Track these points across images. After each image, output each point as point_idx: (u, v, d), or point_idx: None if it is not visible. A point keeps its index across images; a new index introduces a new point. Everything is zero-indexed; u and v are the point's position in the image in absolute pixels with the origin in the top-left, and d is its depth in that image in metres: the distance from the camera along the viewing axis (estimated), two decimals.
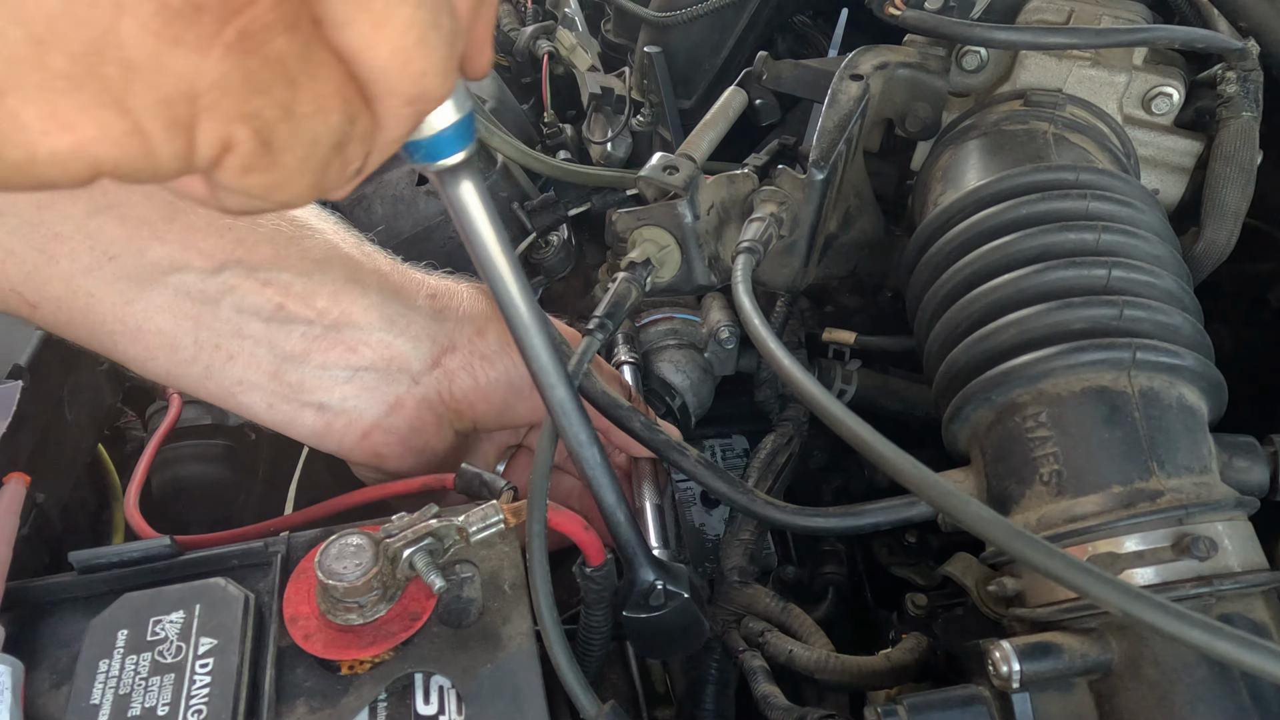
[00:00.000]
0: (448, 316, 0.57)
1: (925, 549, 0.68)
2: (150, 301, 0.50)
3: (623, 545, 0.47)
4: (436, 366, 0.56)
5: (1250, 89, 0.60)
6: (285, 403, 0.53)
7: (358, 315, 0.53)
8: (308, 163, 0.25)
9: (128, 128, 0.22)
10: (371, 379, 0.54)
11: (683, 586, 0.49)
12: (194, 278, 0.50)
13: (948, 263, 0.55)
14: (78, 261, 0.48)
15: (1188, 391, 0.47)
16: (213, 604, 0.43)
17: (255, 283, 0.51)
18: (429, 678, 0.42)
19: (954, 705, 0.41)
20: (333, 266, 0.54)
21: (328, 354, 0.53)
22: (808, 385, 0.43)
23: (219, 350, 0.51)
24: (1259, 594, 0.42)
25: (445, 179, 0.35)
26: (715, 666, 0.58)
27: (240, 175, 0.24)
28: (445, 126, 0.31)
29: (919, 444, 0.49)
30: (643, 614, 0.48)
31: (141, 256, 0.49)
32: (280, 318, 0.52)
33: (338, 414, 0.54)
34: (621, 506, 0.47)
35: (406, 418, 0.55)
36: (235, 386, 0.52)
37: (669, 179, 0.58)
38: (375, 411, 0.54)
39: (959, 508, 0.37)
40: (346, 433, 0.54)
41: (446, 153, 0.32)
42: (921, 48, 0.67)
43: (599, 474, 0.45)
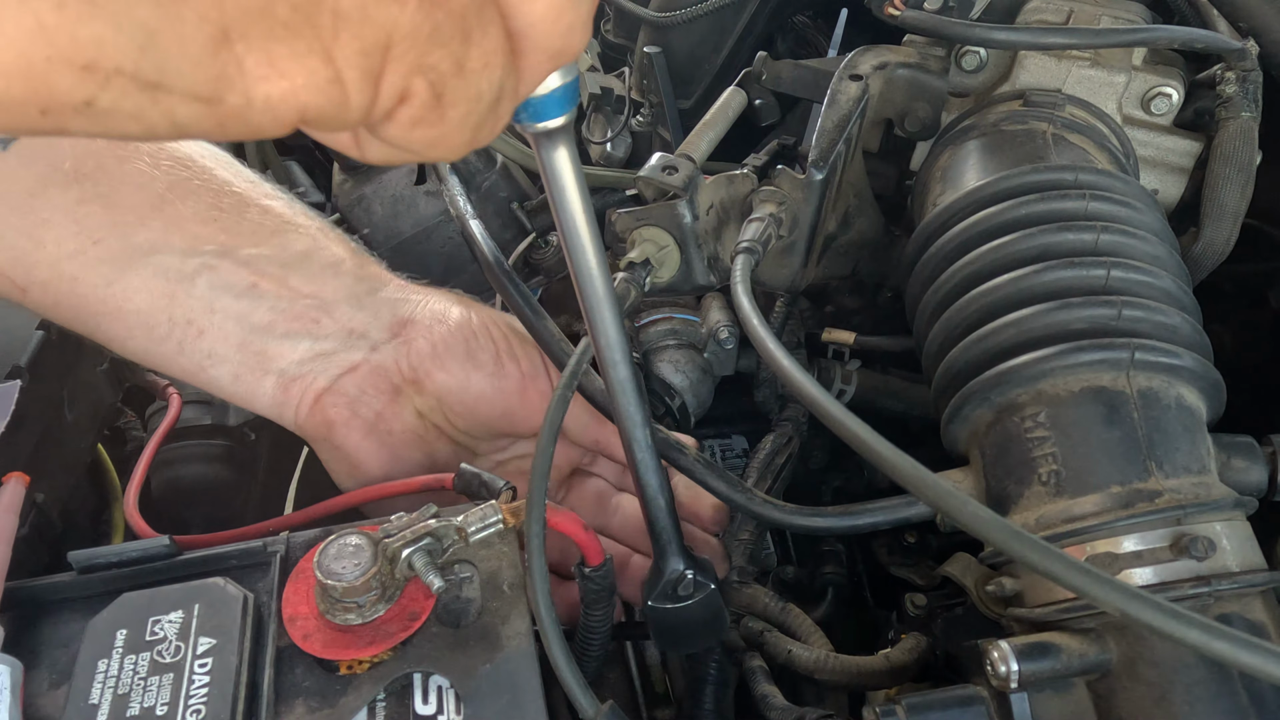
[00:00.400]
0: (413, 298, 0.59)
1: (924, 549, 0.68)
2: (129, 283, 0.51)
3: (658, 532, 0.47)
4: (396, 336, 0.57)
5: (1249, 89, 0.60)
6: (250, 373, 0.54)
7: (327, 293, 0.55)
8: (469, 118, 0.26)
9: (331, 75, 0.23)
10: (329, 345, 0.55)
11: (710, 578, 0.49)
12: (173, 258, 0.51)
13: (947, 263, 0.55)
14: (64, 246, 0.49)
15: (1186, 392, 0.47)
16: (212, 604, 0.43)
17: (232, 263, 0.52)
18: (428, 677, 0.42)
19: (952, 705, 0.41)
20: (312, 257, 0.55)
21: (292, 324, 0.54)
22: (807, 385, 0.43)
23: (191, 326, 0.52)
24: (1257, 594, 0.42)
25: (543, 141, 0.35)
26: (714, 666, 0.58)
27: (409, 128, 0.25)
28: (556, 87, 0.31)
29: (918, 444, 0.49)
30: (669, 604, 0.48)
31: (125, 240, 0.50)
32: (252, 294, 0.53)
33: (293, 379, 0.55)
34: (665, 492, 0.47)
35: (358, 381, 0.56)
36: (205, 360, 0.53)
37: (668, 179, 0.58)
38: (328, 377, 0.56)
39: (958, 508, 0.37)
40: (302, 399, 0.55)
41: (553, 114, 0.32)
42: (921, 48, 0.67)
43: (648, 456, 0.45)
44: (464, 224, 0.64)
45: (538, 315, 0.59)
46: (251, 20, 0.21)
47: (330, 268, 0.56)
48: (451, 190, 0.68)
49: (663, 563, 0.48)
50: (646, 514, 0.47)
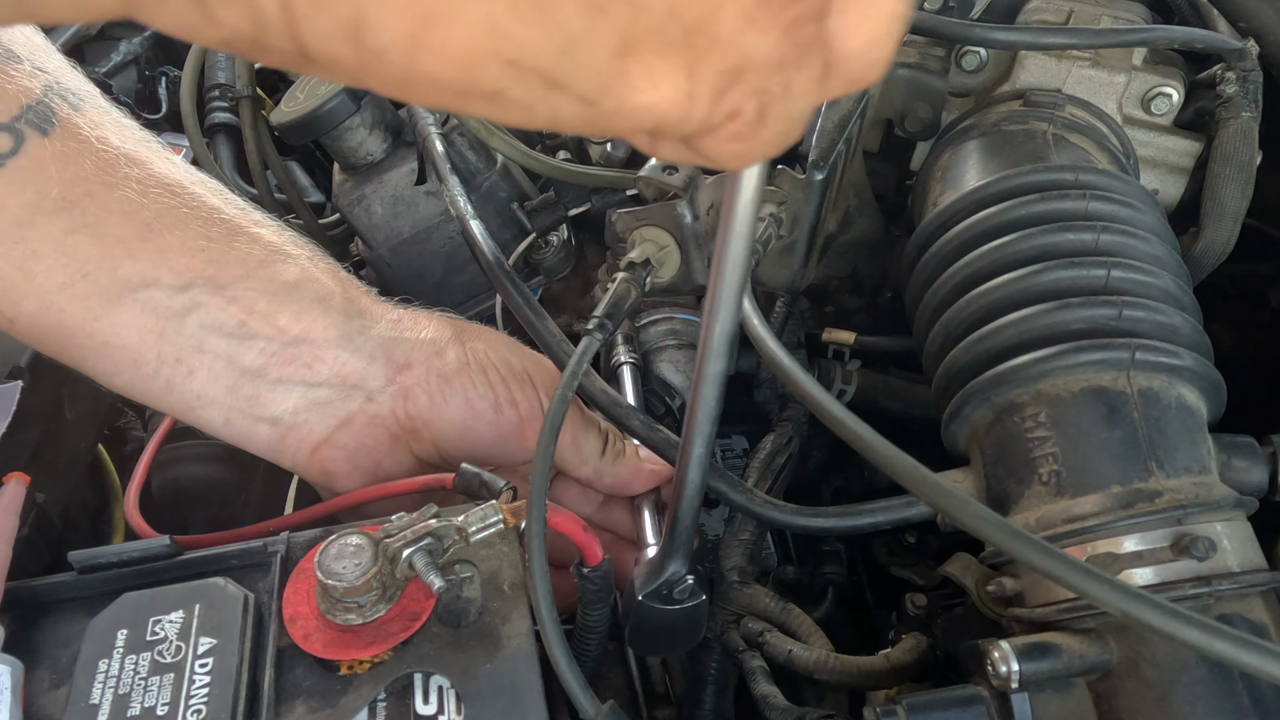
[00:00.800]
0: (407, 336, 0.57)
1: (925, 549, 0.68)
2: (118, 318, 0.50)
3: (679, 530, 0.47)
4: (391, 384, 0.55)
5: (1249, 89, 0.60)
6: (241, 417, 0.53)
7: (317, 333, 0.54)
8: (778, 138, 0.26)
9: (687, 91, 0.24)
10: (324, 394, 0.54)
11: (702, 588, 0.49)
12: (162, 294, 0.51)
13: (947, 263, 0.55)
14: (52, 278, 0.49)
15: (1187, 392, 0.47)
16: (212, 604, 0.43)
17: (221, 300, 0.52)
18: (428, 677, 0.42)
19: (953, 705, 0.41)
20: (300, 289, 0.54)
21: (284, 369, 0.53)
22: (807, 385, 0.43)
23: (180, 365, 0.52)
24: (1257, 594, 0.42)
25: None
26: (715, 667, 0.58)
27: (724, 141, 0.26)
28: None
29: (918, 444, 0.49)
30: (659, 604, 0.48)
31: (114, 273, 0.50)
32: (242, 334, 0.52)
33: (290, 428, 0.54)
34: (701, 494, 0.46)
35: (355, 434, 0.55)
36: (194, 401, 0.53)
37: (668, 179, 0.58)
38: (325, 427, 0.55)
39: (958, 508, 0.37)
40: (299, 448, 0.55)
41: None
42: (921, 48, 0.67)
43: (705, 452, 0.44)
44: (464, 224, 0.64)
45: (538, 315, 0.59)
46: (650, 36, 0.23)
47: (320, 302, 0.54)
48: (452, 190, 0.68)
49: (669, 561, 0.48)
50: (674, 508, 0.46)
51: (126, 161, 0.51)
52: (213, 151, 0.98)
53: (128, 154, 0.51)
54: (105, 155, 0.50)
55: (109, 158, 0.50)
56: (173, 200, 0.52)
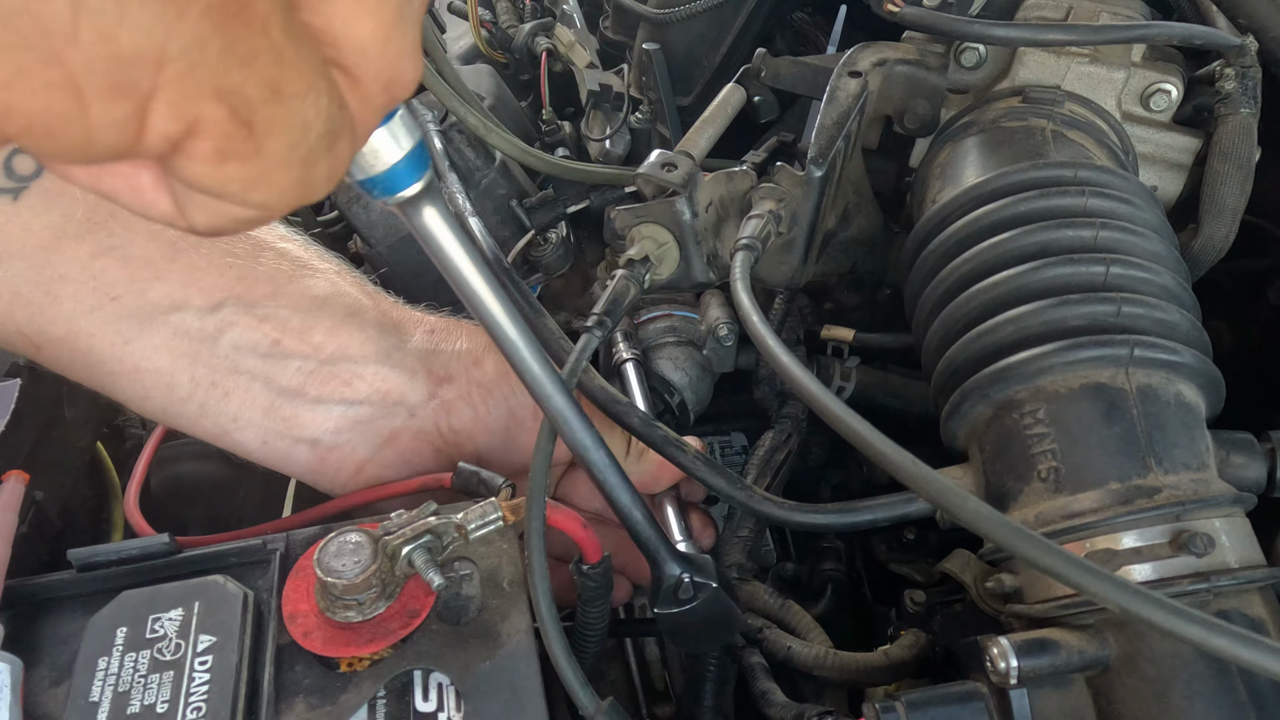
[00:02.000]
0: (444, 348, 0.56)
1: (924, 546, 0.68)
2: (149, 341, 0.49)
3: (644, 543, 0.47)
4: (433, 398, 0.55)
5: (1249, 86, 0.60)
6: (279, 439, 0.53)
7: (353, 349, 0.53)
8: (295, 152, 0.22)
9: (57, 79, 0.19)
10: (366, 413, 0.53)
11: (710, 577, 0.49)
12: (192, 316, 0.50)
13: (946, 260, 0.55)
14: (81, 303, 0.48)
15: (1185, 388, 0.47)
16: (212, 601, 0.43)
17: (253, 319, 0.51)
18: (428, 675, 0.42)
19: (952, 701, 0.41)
20: (331, 304, 0.53)
21: (323, 388, 0.52)
22: (806, 382, 0.43)
23: (215, 387, 0.51)
24: (1256, 590, 0.42)
25: (407, 209, 0.35)
26: (714, 663, 0.58)
27: (215, 163, 0.21)
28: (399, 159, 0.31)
29: (917, 441, 0.49)
30: (674, 609, 0.48)
31: (142, 296, 0.49)
32: (276, 353, 0.51)
33: (330, 449, 0.53)
34: (637, 505, 0.47)
35: (400, 451, 0.54)
36: (230, 424, 0.52)
37: (667, 176, 0.58)
38: (369, 446, 0.54)
39: (957, 504, 0.37)
40: (340, 468, 0.54)
41: (403, 184, 0.32)
42: (920, 44, 0.67)
43: (609, 475, 0.45)
44: (463, 221, 0.64)
45: (537, 312, 0.59)
46: None
47: (353, 316, 0.53)
48: (450, 187, 0.68)
49: (658, 570, 0.48)
50: (629, 530, 0.47)
51: None
52: None
53: None
54: None
55: None
56: None
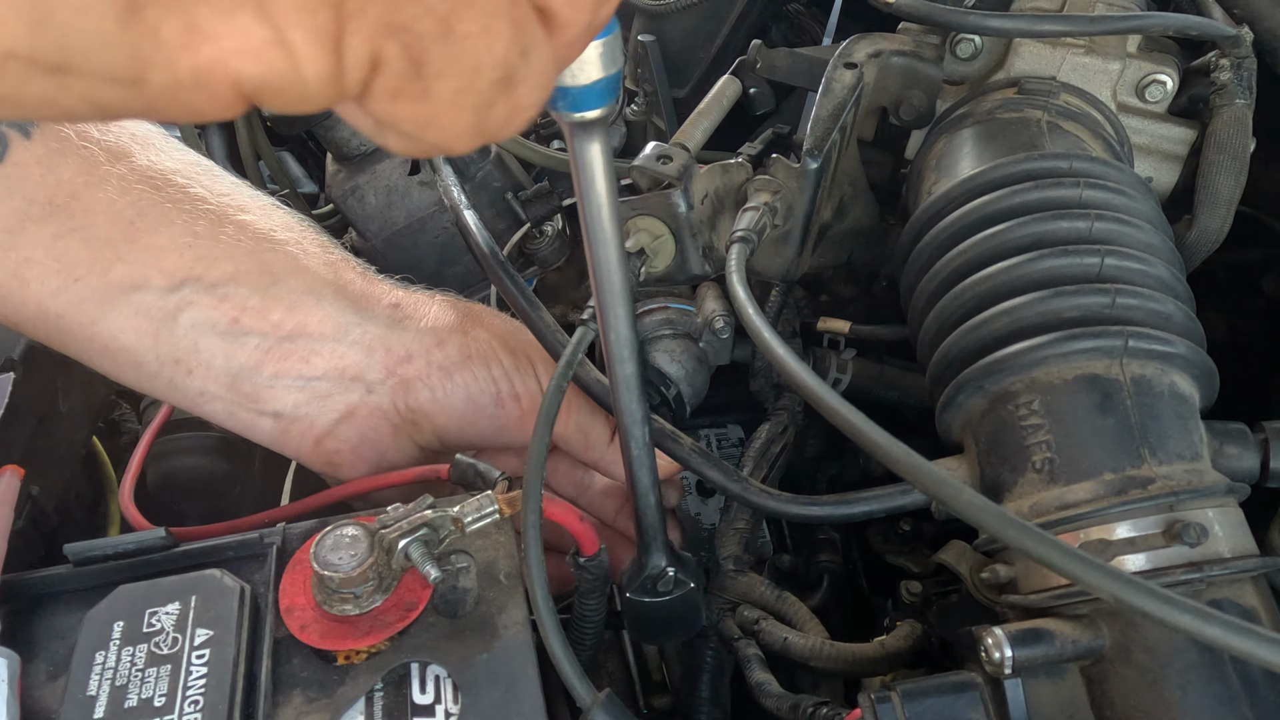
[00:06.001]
0: (407, 327, 0.56)
1: (919, 537, 0.69)
2: (113, 322, 0.51)
3: (645, 527, 0.48)
4: (391, 376, 0.55)
5: (1244, 76, 0.60)
6: (244, 411, 0.54)
7: (312, 326, 0.54)
8: (465, 96, 0.21)
9: (269, 36, 0.19)
10: (323, 387, 0.54)
11: (692, 577, 0.50)
12: (153, 296, 0.51)
13: (941, 251, 0.55)
14: (46, 284, 0.49)
15: (1179, 379, 0.48)
16: (208, 595, 0.43)
17: (212, 299, 0.52)
18: (425, 667, 0.43)
19: (947, 691, 0.41)
20: (291, 279, 0.54)
21: (280, 364, 0.53)
22: (802, 374, 0.43)
23: (179, 365, 0.52)
24: (1248, 579, 0.43)
25: (577, 132, 0.33)
26: (711, 654, 0.58)
27: (388, 101, 0.21)
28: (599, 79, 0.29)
29: (913, 432, 0.49)
30: (647, 598, 0.49)
31: (104, 277, 0.50)
32: (235, 331, 0.52)
33: (292, 421, 0.54)
34: (655, 490, 0.47)
35: (358, 426, 0.55)
36: (198, 397, 0.53)
37: (663, 168, 0.58)
38: (327, 420, 0.55)
39: (952, 495, 0.37)
40: (302, 440, 0.55)
41: (592, 105, 0.30)
42: (916, 35, 0.67)
43: (644, 453, 0.45)
44: (458, 214, 0.64)
45: (533, 305, 0.59)
46: None
47: (312, 293, 0.54)
48: (445, 180, 0.67)
49: (646, 557, 0.49)
50: (635, 508, 0.48)
51: (108, 157, 0.51)
52: (205, 142, 0.97)
53: (109, 147, 0.51)
54: (87, 153, 0.50)
55: (90, 155, 0.50)
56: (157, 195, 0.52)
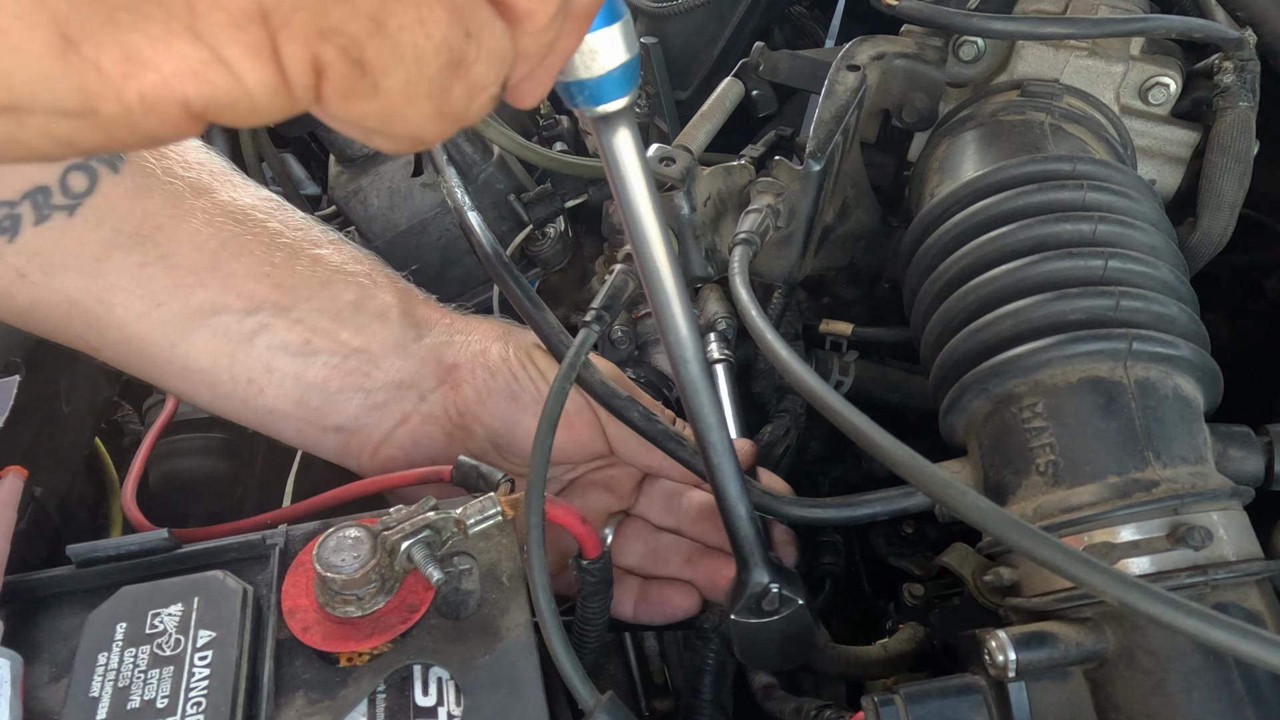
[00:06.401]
0: (457, 341, 0.60)
1: (922, 539, 0.69)
2: (193, 344, 0.54)
3: (739, 543, 0.45)
4: (442, 384, 0.59)
5: (1247, 79, 0.60)
6: (310, 428, 0.58)
7: (374, 345, 0.57)
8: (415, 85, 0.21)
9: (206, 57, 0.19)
10: (381, 397, 0.58)
11: (799, 593, 0.46)
12: (232, 319, 0.54)
13: (944, 254, 0.55)
14: (130, 309, 0.52)
15: (1184, 382, 0.47)
16: (211, 597, 0.43)
17: (287, 321, 0.55)
18: (427, 669, 0.43)
19: (950, 694, 0.41)
20: (360, 307, 0.58)
21: (345, 380, 0.57)
22: (805, 376, 0.43)
23: (251, 384, 0.55)
24: (1253, 583, 0.42)
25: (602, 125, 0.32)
26: (713, 657, 0.58)
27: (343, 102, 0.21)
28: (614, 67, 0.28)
29: (916, 435, 0.49)
30: (754, 619, 0.45)
31: (186, 302, 0.53)
32: (306, 351, 0.56)
33: (353, 433, 0.58)
34: (744, 501, 0.44)
35: (411, 432, 0.58)
36: (268, 415, 0.57)
37: (666, 170, 0.58)
38: (383, 428, 0.58)
39: (956, 498, 0.37)
40: (361, 450, 0.58)
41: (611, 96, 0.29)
42: (918, 38, 0.67)
43: (725, 461, 0.42)
44: (462, 215, 0.64)
45: (536, 307, 0.59)
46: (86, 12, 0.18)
47: (378, 317, 0.58)
48: (449, 182, 0.67)
49: (746, 574, 0.46)
50: (726, 523, 0.45)
51: (191, 192, 0.54)
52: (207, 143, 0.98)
53: (192, 183, 0.55)
54: (171, 188, 0.54)
55: (175, 190, 0.54)
56: (237, 228, 0.55)
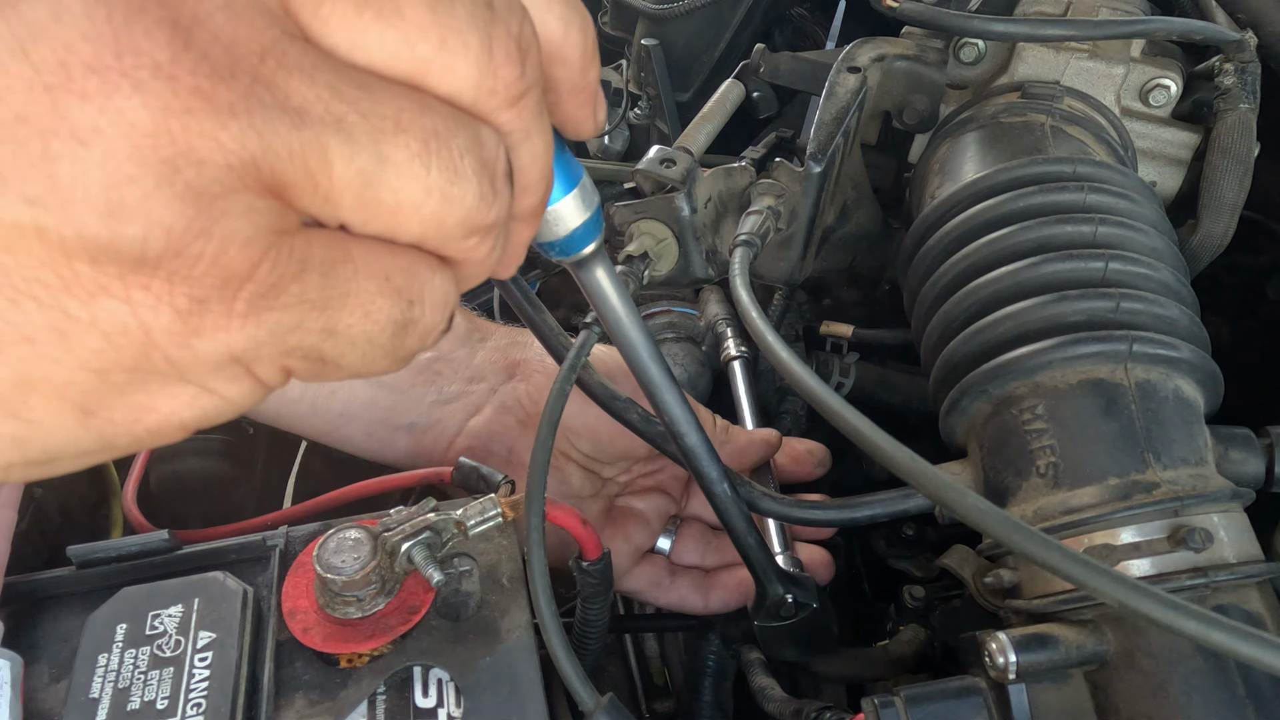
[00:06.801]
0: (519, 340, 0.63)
1: (923, 541, 0.69)
2: None
3: (754, 566, 0.51)
4: (512, 377, 0.61)
5: (1248, 81, 0.60)
6: (381, 428, 0.59)
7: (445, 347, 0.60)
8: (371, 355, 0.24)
9: (196, 392, 0.23)
10: (453, 391, 0.60)
11: (811, 597, 0.52)
12: None
13: (945, 255, 0.55)
14: None
15: (1184, 384, 0.47)
16: (211, 598, 0.43)
17: None
18: (428, 670, 0.43)
19: (950, 696, 0.41)
20: None
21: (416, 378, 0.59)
22: (806, 378, 0.43)
23: (322, 387, 0.57)
24: (1254, 585, 0.42)
25: (578, 267, 0.37)
26: (713, 658, 0.58)
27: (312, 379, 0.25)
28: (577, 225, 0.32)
29: (916, 436, 0.49)
30: (774, 623, 0.53)
31: None
32: None
33: (425, 429, 0.59)
34: (752, 532, 0.50)
35: (485, 421, 0.60)
36: (337, 419, 0.58)
37: (666, 172, 0.58)
38: (457, 420, 0.60)
39: (956, 500, 0.37)
40: (435, 446, 0.60)
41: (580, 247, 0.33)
42: (919, 40, 0.67)
43: (730, 506, 0.49)
44: None
45: (536, 309, 0.59)
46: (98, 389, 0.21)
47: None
48: None
49: (763, 590, 0.52)
50: (741, 553, 0.51)
51: None
52: None
53: None
54: None
55: None
56: None
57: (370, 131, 0.21)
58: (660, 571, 0.62)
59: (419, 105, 0.22)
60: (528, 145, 0.25)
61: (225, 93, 0.19)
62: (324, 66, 0.21)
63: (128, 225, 0.19)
